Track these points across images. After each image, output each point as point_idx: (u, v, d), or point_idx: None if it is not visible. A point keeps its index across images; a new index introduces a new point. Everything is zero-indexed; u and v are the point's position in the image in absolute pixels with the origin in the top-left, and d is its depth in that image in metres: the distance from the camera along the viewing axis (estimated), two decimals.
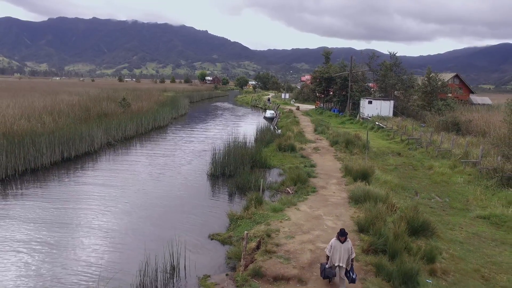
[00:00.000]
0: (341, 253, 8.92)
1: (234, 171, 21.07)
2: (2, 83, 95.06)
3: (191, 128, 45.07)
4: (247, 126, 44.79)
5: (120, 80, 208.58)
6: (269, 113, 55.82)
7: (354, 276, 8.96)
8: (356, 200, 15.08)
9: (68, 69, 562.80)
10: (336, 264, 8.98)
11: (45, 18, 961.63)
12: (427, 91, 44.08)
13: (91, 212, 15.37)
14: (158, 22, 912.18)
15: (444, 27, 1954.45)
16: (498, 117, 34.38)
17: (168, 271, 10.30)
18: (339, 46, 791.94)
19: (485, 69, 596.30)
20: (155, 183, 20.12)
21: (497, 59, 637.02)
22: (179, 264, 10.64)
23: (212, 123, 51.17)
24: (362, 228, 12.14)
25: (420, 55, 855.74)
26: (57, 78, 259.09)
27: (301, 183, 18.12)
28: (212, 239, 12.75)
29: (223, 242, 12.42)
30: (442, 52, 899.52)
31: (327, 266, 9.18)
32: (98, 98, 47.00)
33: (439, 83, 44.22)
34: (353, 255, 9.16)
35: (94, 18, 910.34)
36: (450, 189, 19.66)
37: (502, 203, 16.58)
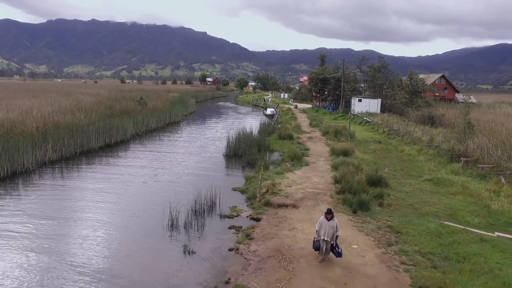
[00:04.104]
0: (326, 229, 10.36)
1: (244, 152, 26.80)
2: (9, 85, 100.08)
3: (202, 123, 50.96)
4: (251, 121, 50.55)
5: (122, 81, 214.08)
6: (269, 110, 61.45)
7: (339, 250, 10.42)
8: (335, 167, 20.78)
9: (67, 70, 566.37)
10: (322, 238, 10.43)
11: (44, 20, 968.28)
12: (409, 90, 49.86)
13: (147, 174, 21.51)
14: (157, 24, 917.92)
15: (441, 28, 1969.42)
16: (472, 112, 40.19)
17: (209, 204, 15.94)
18: (337, 47, 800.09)
19: (483, 70, 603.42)
20: (186, 159, 26.33)
21: (495, 60, 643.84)
22: (216, 200, 16.31)
23: (220, 119, 57.00)
24: (337, 181, 17.87)
25: (419, 56, 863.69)
26: (59, 80, 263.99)
27: (297, 160, 23.77)
28: (234, 190, 18.55)
29: (242, 191, 18.20)
30: (440, 52, 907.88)
31: (315, 239, 10.69)
32: (116, 98, 52.57)
33: (420, 83, 50.02)
34: (338, 233, 10.51)
35: (93, 19, 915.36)
36: (413, 164, 25.32)
37: (446, 172, 22.28)
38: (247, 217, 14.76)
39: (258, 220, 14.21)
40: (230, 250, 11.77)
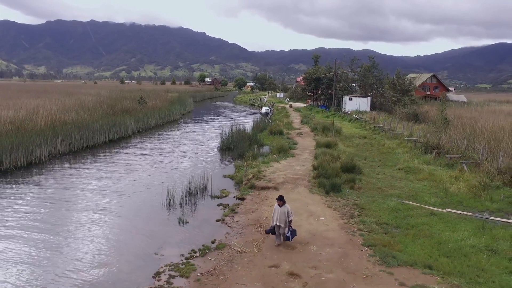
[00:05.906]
0: (278, 215, 11.19)
1: (236, 146, 29.12)
2: (10, 86, 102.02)
3: (199, 121, 53.37)
4: (246, 119, 52.95)
5: (122, 82, 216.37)
6: (264, 109, 63.70)
7: (288, 235, 11.25)
8: (316, 157, 23.10)
9: (66, 71, 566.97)
10: (274, 223, 11.35)
11: (42, 21, 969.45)
12: (397, 89, 52.32)
13: (148, 164, 23.82)
14: (156, 24, 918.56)
15: (439, 27, 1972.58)
16: (453, 110, 42.82)
17: (202, 187, 18.29)
18: (336, 47, 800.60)
19: (482, 69, 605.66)
20: (183, 152, 28.85)
21: (494, 59, 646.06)
22: (208, 184, 18.65)
23: (216, 117, 59.40)
24: (315, 168, 20.21)
25: (418, 55, 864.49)
26: (59, 81, 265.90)
27: (283, 152, 26.09)
28: (225, 177, 20.94)
29: (232, 178, 20.60)
30: (439, 52, 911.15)
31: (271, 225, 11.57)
32: (116, 98, 54.84)
33: (407, 82, 52.50)
34: (290, 218, 11.23)
35: (92, 20, 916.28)
36: (391, 156, 27.64)
37: (419, 162, 24.60)
38: (234, 197, 17.12)
39: (243, 199, 16.54)
40: (217, 221, 14.13)
